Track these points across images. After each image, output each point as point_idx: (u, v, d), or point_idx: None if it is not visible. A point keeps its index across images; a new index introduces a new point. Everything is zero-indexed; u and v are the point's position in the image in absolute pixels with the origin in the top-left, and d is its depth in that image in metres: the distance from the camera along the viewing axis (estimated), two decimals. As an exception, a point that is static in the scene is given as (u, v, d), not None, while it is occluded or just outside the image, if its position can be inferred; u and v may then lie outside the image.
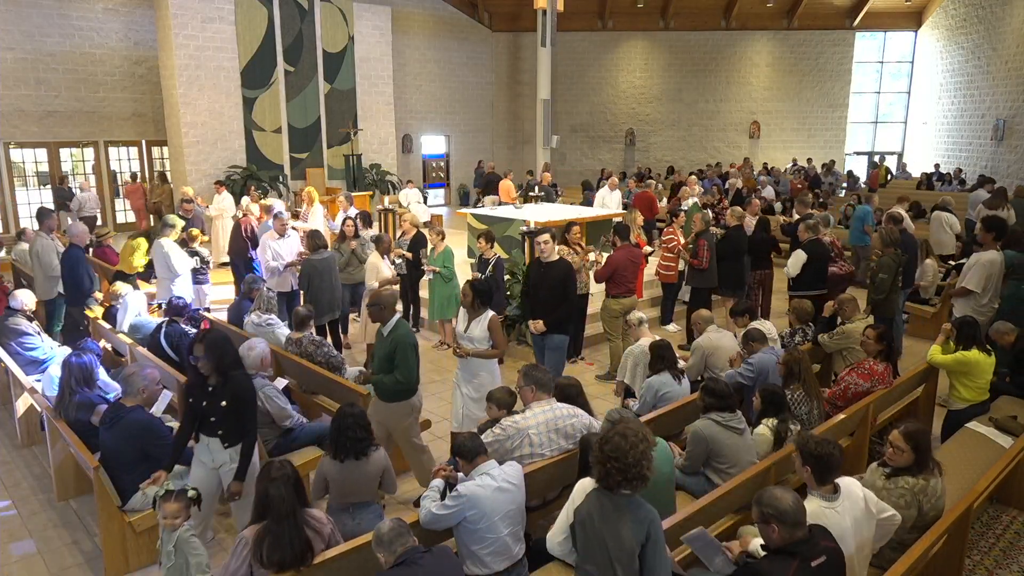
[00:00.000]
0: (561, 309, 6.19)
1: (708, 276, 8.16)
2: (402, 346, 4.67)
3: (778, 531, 2.83)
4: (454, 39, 21.60)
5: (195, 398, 4.06)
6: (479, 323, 5.25)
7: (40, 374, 6.04)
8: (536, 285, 6.30)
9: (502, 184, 14.69)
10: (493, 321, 5.23)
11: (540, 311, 6.24)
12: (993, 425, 5.10)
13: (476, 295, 5.25)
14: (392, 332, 4.77)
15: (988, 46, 18.54)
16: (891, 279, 7.11)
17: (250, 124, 15.45)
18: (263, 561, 3.17)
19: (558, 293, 6.15)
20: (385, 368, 4.72)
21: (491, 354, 5.23)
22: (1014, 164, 17.43)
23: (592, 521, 2.95)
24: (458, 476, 3.68)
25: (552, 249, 6.25)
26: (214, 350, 3.94)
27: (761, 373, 5.21)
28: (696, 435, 4.27)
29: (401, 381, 4.71)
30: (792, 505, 2.82)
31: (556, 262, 6.27)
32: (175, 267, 7.99)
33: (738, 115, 22.86)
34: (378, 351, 4.81)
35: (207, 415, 4.03)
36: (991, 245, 6.83)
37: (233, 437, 4.06)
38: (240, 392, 4.03)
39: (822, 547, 2.86)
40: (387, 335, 4.77)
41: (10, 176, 14.63)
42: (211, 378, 3.99)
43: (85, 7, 14.97)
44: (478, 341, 5.23)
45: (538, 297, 6.27)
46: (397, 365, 4.67)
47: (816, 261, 7.68)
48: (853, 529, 3.19)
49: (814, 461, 3.23)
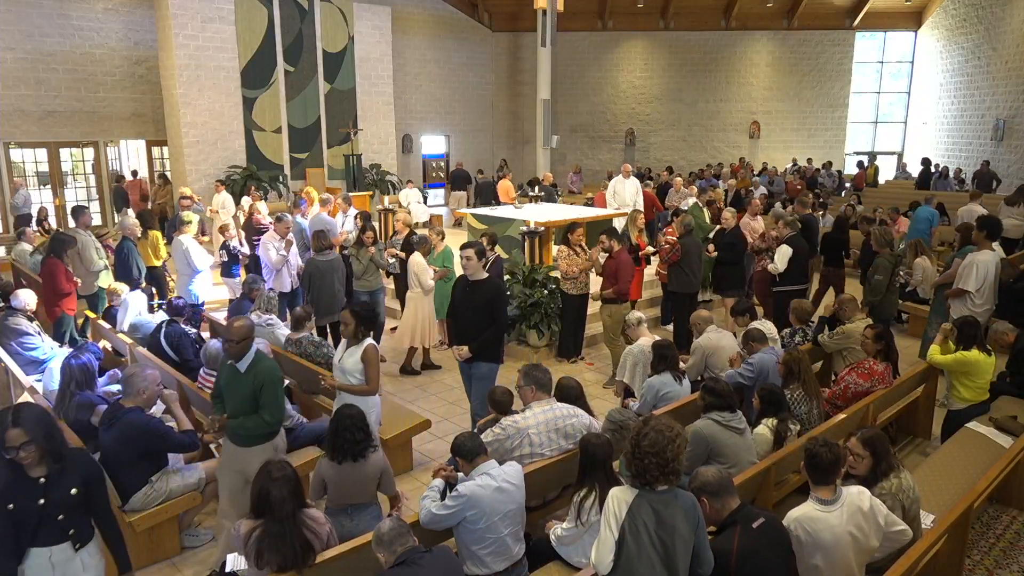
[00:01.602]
0: (488, 333, 5.42)
1: (686, 280, 8.04)
2: (270, 381, 4.12)
3: (709, 503, 3.05)
4: (454, 39, 21.59)
5: (19, 502, 2.98)
6: (354, 353, 4.69)
7: (40, 374, 6.04)
8: (460, 305, 5.56)
9: (501, 184, 14.69)
10: (369, 352, 4.66)
11: (464, 335, 5.48)
12: (993, 425, 5.10)
13: (359, 323, 4.67)
14: (253, 367, 4.15)
15: (988, 46, 18.53)
16: (887, 280, 7.15)
17: (250, 124, 15.44)
18: (256, 558, 3.16)
19: (484, 315, 5.40)
20: (247, 409, 4.12)
21: (362, 390, 4.63)
22: (1014, 164, 17.43)
23: (647, 529, 2.79)
24: (458, 476, 3.68)
25: (477, 266, 5.46)
26: (39, 429, 2.98)
27: (761, 373, 5.21)
28: (697, 435, 4.27)
29: (270, 421, 4.15)
30: (715, 476, 3.11)
31: (484, 280, 5.51)
32: (195, 263, 8.08)
33: (738, 115, 22.85)
34: (234, 390, 4.16)
35: (49, 516, 3.04)
36: (985, 244, 6.84)
37: (86, 533, 3.20)
38: (93, 470, 3.24)
39: (758, 511, 3.08)
40: (246, 371, 4.13)
41: (10, 176, 14.63)
42: (39, 468, 3.03)
43: (85, 7, 14.96)
44: (350, 373, 4.67)
45: (462, 319, 5.53)
46: (264, 404, 4.11)
47: (799, 256, 7.78)
48: (850, 537, 3.17)
49: (806, 460, 3.28)
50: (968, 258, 6.81)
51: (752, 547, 2.90)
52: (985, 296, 6.69)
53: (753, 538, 2.93)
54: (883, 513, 3.32)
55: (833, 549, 3.09)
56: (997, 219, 7.36)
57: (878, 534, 3.29)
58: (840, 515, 3.15)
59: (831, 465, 3.22)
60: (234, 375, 4.17)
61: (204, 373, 5.65)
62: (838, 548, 3.10)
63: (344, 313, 4.79)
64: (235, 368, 4.17)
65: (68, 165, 15.83)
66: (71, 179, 15.88)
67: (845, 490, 3.26)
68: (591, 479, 3.56)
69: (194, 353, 6.17)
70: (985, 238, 6.85)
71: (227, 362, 4.24)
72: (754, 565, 2.88)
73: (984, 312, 6.60)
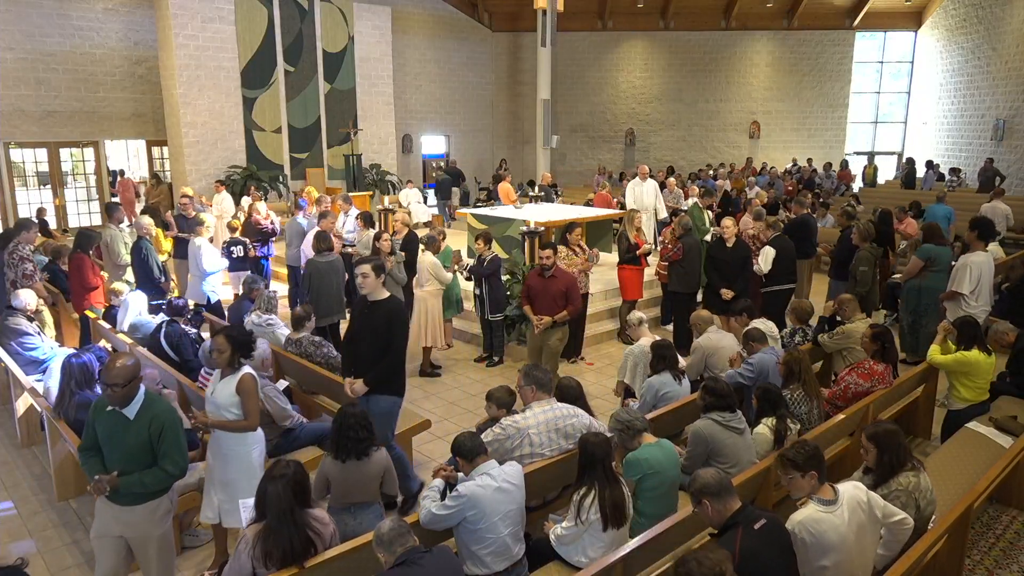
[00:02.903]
0: (383, 363, 4.65)
1: (686, 280, 8.03)
2: (170, 425, 3.52)
3: (710, 505, 3.04)
4: (454, 39, 21.59)
5: None
6: (229, 383, 4.02)
7: (40, 374, 6.04)
8: (358, 329, 4.77)
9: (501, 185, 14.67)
10: (245, 383, 4.00)
11: (362, 364, 4.68)
12: (993, 425, 5.10)
13: (235, 348, 4.04)
14: (146, 412, 3.51)
15: (988, 46, 18.53)
16: (871, 271, 7.47)
17: (250, 124, 15.45)
18: (264, 558, 3.17)
19: (381, 341, 4.64)
20: (141, 462, 3.49)
21: (239, 426, 4.02)
22: (1014, 164, 17.42)
23: None
24: (458, 476, 3.68)
25: (376, 284, 4.70)
26: None
27: (761, 373, 5.21)
28: (696, 435, 4.28)
29: (175, 473, 3.53)
30: (715, 477, 3.09)
31: (383, 301, 4.72)
32: (203, 265, 8.25)
33: (738, 115, 22.85)
34: (120, 442, 3.49)
35: None
36: (977, 246, 6.89)
37: None
38: None
39: (759, 512, 3.07)
40: (136, 417, 3.48)
41: (10, 176, 14.63)
42: None
43: (85, 7, 14.96)
44: (224, 408, 4.00)
45: (360, 345, 4.73)
46: (166, 452, 3.49)
47: (784, 257, 7.80)
48: (856, 535, 3.17)
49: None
50: (961, 260, 6.86)
51: (754, 548, 2.91)
52: (982, 297, 6.72)
53: (755, 539, 2.93)
54: (879, 505, 3.33)
55: (840, 549, 3.09)
56: (990, 220, 7.46)
57: (878, 526, 3.30)
58: (843, 514, 3.15)
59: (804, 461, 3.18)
60: (119, 424, 3.49)
61: (204, 373, 5.65)
62: (844, 547, 3.10)
63: (217, 338, 4.08)
64: (120, 415, 3.49)
65: (68, 165, 15.84)
66: (71, 179, 15.88)
67: (842, 488, 3.26)
68: (590, 478, 3.56)
69: (194, 353, 6.18)
70: (977, 239, 6.90)
71: (106, 409, 3.53)
72: (756, 566, 2.88)
73: (982, 313, 6.62)
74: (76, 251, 7.75)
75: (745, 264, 7.71)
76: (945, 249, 7.42)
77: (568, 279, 6.64)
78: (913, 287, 7.38)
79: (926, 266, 7.24)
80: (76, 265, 7.72)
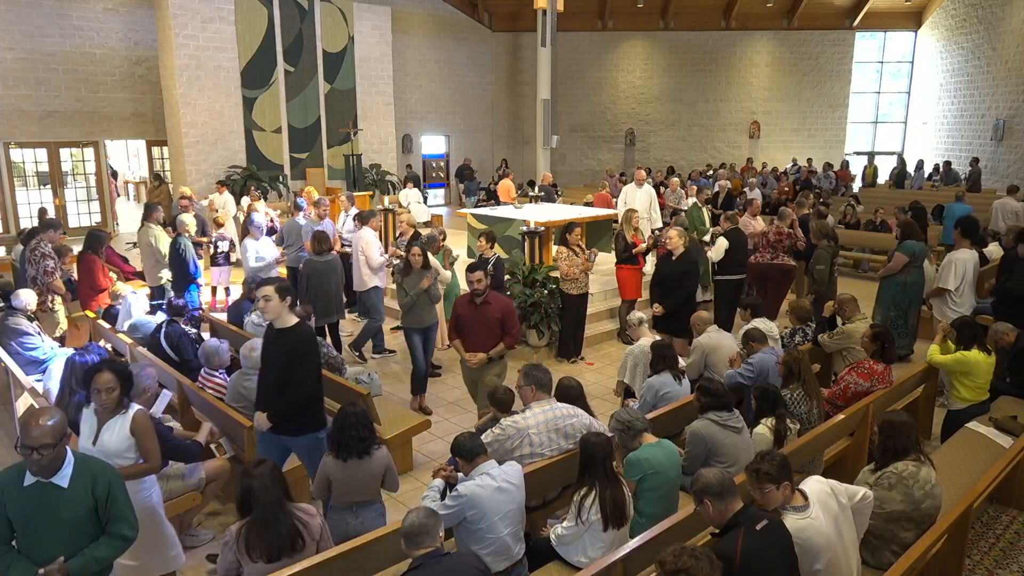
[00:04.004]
0: (285, 400, 4.14)
1: None
2: (116, 481, 3.03)
3: (712, 504, 3.03)
4: (454, 39, 21.59)
5: None
6: (117, 427, 3.57)
7: (40, 374, 6.04)
8: (269, 363, 4.27)
9: (502, 183, 14.68)
10: (139, 421, 3.58)
11: (266, 399, 4.24)
12: (993, 425, 5.10)
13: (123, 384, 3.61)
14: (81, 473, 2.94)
15: (988, 46, 18.54)
16: (828, 270, 7.78)
17: (250, 124, 15.44)
18: (250, 553, 3.16)
19: (287, 374, 4.14)
20: (87, 535, 2.94)
21: (141, 470, 3.61)
22: (1014, 164, 17.43)
23: None
24: (458, 476, 3.68)
25: (280, 307, 4.09)
26: None
27: (761, 373, 5.22)
28: (695, 435, 4.28)
29: (131, 536, 3.05)
30: (717, 477, 3.07)
31: (289, 329, 4.15)
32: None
33: (738, 115, 22.86)
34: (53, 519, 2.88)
35: None
36: (963, 244, 7.02)
37: None
38: None
39: (761, 513, 3.07)
40: (71, 485, 2.90)
41: (10, 176, 14.62)
42: None
43: (85, 7, 14.96)
44: (118, 455, 3.53)
45: (270, 375, 4.24)
46: (118, 516, 2.99)
47: (736, 248, 8.11)
48: (835, 528, 3.19)
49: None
50: (947, 257, 7.02)
51: (756, 549, 2.90)
52: (963, 295, 6.82)
53: (757, 540, 2.92)
54: (842, 490, 3.34)
55: (827, 549, 3.11)
56: (975, 219, 7.66)
57: (848, 514, 3.30)
58: (818, 514, 3.17)
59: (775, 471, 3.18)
60: (48, 498, 2.87)
61: (204, 373, 5.65)
62: (831, 547, 3.13)
63: (102, 376, 3.55)
64: (48, 488, 2.87)
65: (68, 165, 15.84)
66: (71, 179, 15.88)
67: (807, 488, 3.28)
68: (591, 478, 3.57)
69: (194, 353, 6.17)
70: (962, 236, 7.06)
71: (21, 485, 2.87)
72: (758, 567, 2.88)
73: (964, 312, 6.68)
74: (87, 252, 7.63)
75: (683, 279, 7.22)
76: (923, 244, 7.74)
77: (504, 305, 5.57)
78: (899, 283, 7.52)
79: (910, 262, 7.42)
80: (87, 267, 7.57)
